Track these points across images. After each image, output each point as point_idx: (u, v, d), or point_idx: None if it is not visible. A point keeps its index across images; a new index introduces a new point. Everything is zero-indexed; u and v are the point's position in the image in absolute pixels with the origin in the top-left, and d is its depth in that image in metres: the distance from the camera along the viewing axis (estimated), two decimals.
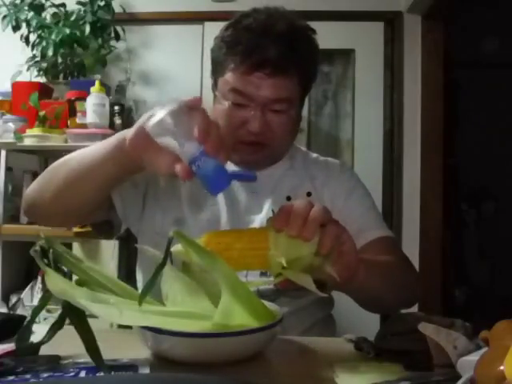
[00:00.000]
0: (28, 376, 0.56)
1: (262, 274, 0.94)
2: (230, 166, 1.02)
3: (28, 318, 0.64)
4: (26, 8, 2.25)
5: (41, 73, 2.32)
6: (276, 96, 0.92)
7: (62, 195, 0.82)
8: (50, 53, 2.22)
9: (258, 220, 0.96)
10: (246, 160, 0.97)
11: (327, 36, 1.01)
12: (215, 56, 0.98)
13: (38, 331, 0.65)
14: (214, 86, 1.00)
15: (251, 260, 0.66)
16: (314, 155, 1.11)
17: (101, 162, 0.77)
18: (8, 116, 2.12)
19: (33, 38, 2.29)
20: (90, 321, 0.61)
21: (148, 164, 0.68)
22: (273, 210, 0.88)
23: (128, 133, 0.69)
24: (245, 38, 0.92)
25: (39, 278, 2.07)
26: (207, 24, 2.50)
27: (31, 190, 0.88)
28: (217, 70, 0.98)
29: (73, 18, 2.26)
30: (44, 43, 2.23)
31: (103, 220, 0.97)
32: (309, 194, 1.00)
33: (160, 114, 0.63)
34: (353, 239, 0.70)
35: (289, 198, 0.98)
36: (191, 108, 0.65)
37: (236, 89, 0.92)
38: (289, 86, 0.93)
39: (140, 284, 1.03)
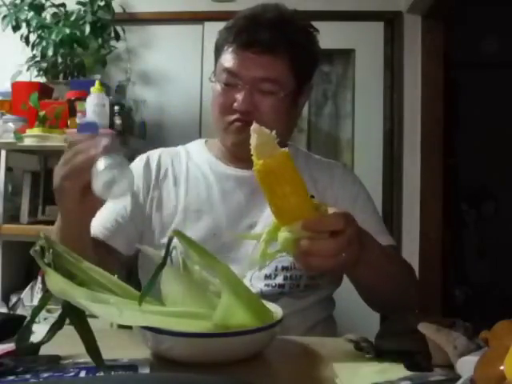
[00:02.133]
0: (28, 376, 0.56)
1: (267, 277, 0.94)
2: (222, 165, 1.04)
3: (28, 318, 0.64)
4: (26, 8, 2.25)
5: (41, 73, 2.32)
6: (263, 75, 0.94)
7: None
8: (50, 53, 2.22)
9: (261, 221, 0.96)
10: (236, 141, 0.97)
11: (327, 36, 1.01)
12: (216, 45, 1.02)
13: (38, 331, 0.65)
14: (214, 74, 1.01)
15: (286, 213, 0.63)
16: (316, 157, 1.12)
17: (66, 233, 0.79)
18: (8, 116, 2.11)
19: (33, 38, 2.29)
20: (90, 321, 0.61)
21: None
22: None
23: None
24: (239, 23, 0.96)
25: (39, 278, 2.07)
26: (207, 24, 2.50)
27: None
28: (216, 58, 1.01)
29: (73, 18, 2.26)
30: (44, 43, 2.23)
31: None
32: (311, 197, 1.00)
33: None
34: (353, 256, 0.69)
35: None
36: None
37: (227, 68, 0.95)
38: (277, 67, 0.94)
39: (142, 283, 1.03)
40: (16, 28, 2.25)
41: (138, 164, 1.05)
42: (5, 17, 2.24)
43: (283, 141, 1.05)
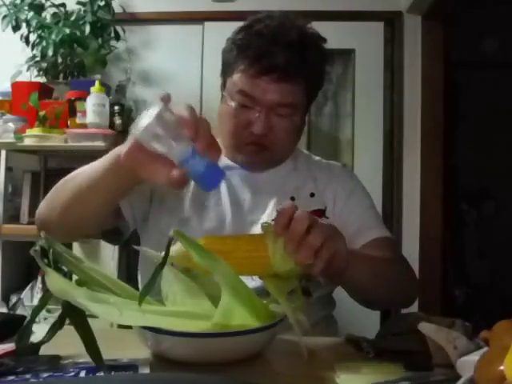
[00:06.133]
0: (28, 376, 0.56)
1: None
2: (228, 161, 1.03)
3: (28, 318, 0.64)
4: (26, 8, 2.25)
5: (41, 73, 2.32)
6: (281, 101, 0.94)
7: (68, 211, 0.83)
8: (50, 53, 2.21)
9: (263, 219, 0.96)
10: (249, 161, 1.00)
11: (327, 36, 1.01)
12: (225, 57, 1.00)
13: (38, 331, 0.65)
14: (223, 86, 1.01)
15: (249, 268, 0.67)
16: (317, 158, 1.13)
17: (101, 177, 0.77)
18: (8, 116, 2.11)
19: (33, 38, 2.29)
20: (90, 321, 0.61)
21: (146, 176, 0.66)
22: (277, 210, 0.90)
23: (122, 148, 0.68)
24: (255, 42, 0.93)
25: (39, 278, 2.07)
26: (207, 24, 2.50)
27: (41, 208, 0.90)
28: (226, 71, 1.00)
29: (73, 18, 2.26)
30: (44, 43, 2.23)
31: (112, 228, 0.98)
32: (312, 195, 1.02)
33: (145, 119, 0.61)
34: (343, 240, 0.73)
35: (293, 199, 0.99)
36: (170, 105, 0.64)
37: (243, 91, 0.94)
38: (295, 92, 0.95)
39: (141, 284, 1.03)
40: (16, 28, 2.25)
41: None
42: (5, 17, 2.24)
43: (290, 153, 1.07)
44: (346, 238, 0.75)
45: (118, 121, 2.12)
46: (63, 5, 2.32)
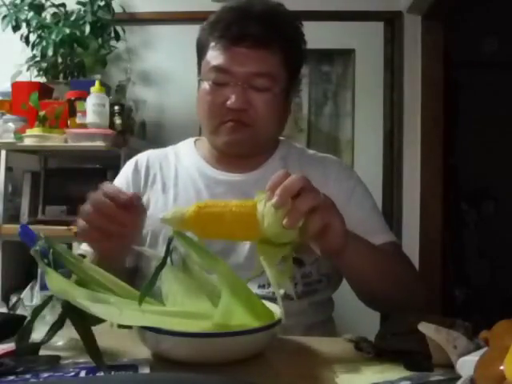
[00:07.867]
0: (28, 376, 0.56)
1: (260, 287, 0.92)
2: (211, 169, 1.01)
3: (28, 318, 0.64)
4: (26, 8, 2.25)
5: (41, 73, 2.32)
6: (256, 70, 0.89)
7: None
8: (50, 53, 2.21)
9: None
10: (229, 141, 0.93)
11: (327, 36, 1.01)
12: (199, 41, 0.98)
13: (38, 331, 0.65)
14: (198, 73, 0.98)
15: (240, 229, 0.65)
16: (311, 152, 1.08)
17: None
18: (8, 116, 2.11)
19: (33, 38, 2.29)
20: None
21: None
22: None
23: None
24: (225, 15, 0.92)
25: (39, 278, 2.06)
26: None
27: None
28: (200, 55, 0.97)
29: (73, 18, 2.26)
30: (44, 43, 2.23)
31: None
32: None
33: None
34: (340, 217, 0.69)
35: None
36: None
37: (216, 66, 0.91)
38: (270, 61, 0.90)
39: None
40: (16, 28, 2.25)
41: (126, 170, 1.04)
42: (5, 17, 2.24)
43: (275, 137, 1.01)
44: None
45: (117, 121, 2.11)
46: (63, 5, 2.32)
